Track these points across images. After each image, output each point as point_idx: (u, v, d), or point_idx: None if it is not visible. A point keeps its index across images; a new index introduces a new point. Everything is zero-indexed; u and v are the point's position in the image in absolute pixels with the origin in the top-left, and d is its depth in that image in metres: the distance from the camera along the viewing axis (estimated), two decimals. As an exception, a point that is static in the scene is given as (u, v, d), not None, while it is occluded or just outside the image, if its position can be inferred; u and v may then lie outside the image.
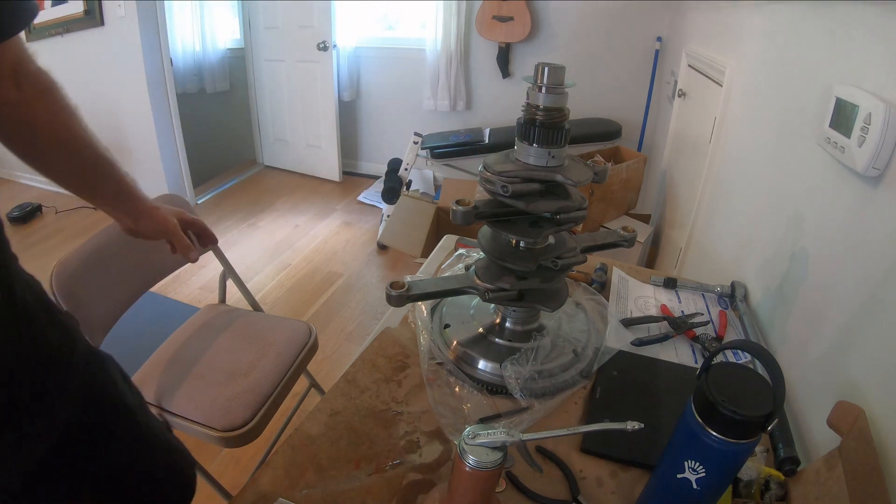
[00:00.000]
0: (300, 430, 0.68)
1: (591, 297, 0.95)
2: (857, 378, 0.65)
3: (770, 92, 1.14)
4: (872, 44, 0.72)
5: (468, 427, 0.50)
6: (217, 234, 0.95)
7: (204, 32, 3.47)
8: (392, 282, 0.73)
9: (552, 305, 0.76)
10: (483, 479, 0.49)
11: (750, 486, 0.60)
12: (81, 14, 2.72)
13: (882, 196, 0.65)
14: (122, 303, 1.10)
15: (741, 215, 1.22)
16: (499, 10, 2.90)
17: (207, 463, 1.48)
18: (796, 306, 0.84)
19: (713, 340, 0.87)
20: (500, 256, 0.73)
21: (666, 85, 2.60)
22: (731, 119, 1.41)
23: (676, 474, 0.50)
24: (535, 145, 0.67)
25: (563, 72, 0.65)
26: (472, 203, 0.70)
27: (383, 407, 0.73)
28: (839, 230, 0.74)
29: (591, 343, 0.83)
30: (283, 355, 1.19)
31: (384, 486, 0.62)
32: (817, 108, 0.82)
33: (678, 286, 1.03)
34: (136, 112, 2.88)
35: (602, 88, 2.96)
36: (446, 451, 0.66)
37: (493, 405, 0.73)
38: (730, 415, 0.44)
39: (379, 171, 3.50)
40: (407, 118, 3.48)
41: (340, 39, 3.30)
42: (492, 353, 0.77)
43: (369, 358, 0.81)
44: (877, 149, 0.63)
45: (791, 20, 1.07)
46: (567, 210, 0.69)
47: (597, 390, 0.76)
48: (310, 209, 3.27)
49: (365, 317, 2.25)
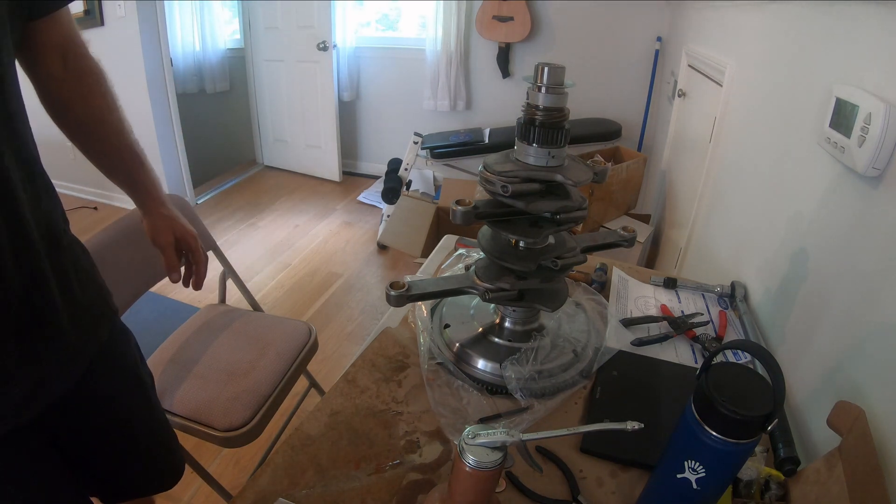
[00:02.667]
0: (300, 430, 0.68)
1: (591, 297, 0.95)
2: (857, 378, 0.65)
3: (770, 92, 1.14)
4: (872, 44, 0.72)
5: (468, 427, 0.50)
6: (217, 235, 0.96)
7: (204, 32, 3.47)
8: (392, 282, 0.73)
9: (552, 305, 0.76)
10: (483, 479, 0.49)
11: (750, 486, 0.60)
12: (81, 14, 2.72)
13: (882, 196, 0.65)
14: (123, 303, 1.10)
15: (741, 215, 1.22)
16: (499, 10, 2.90)
17: (207, 463, 1.48)
18: (796, 306, 0.84)
19: (713, 340, 0.87)
20: (500, 256, 0.73)
21: (666, 85, 2.60)
22: (731, 119, 1.41)
23: (676, 474, 0.50)
24: (535, 145, 0.67)
25: (563, 72, 0.65)
26: (472, 203, 0.70)
27: (383, 407, 0.72)
28: (839, 230, 0.74)
29: (591, 343, 0.83)
30: (283, 355, 1.19)
31: (384, 486, 0.62)
32: (817, 108, 0.82)
33: (678, 286, 1.03)
34: (136, 112, 2.87)
35: (602, 88, 2.96)
36: (446, 451, 0.66)
37: (493, 405, 0.73)
38: (730, 415, 0.44)
39: (379, 171, 3.50)
40: (407, 118, 3.48)
41: (340, 39, 3.30)
42: (492, 353, 0.77)
43: (369, 358, 0.81)
44: (877, 149, 0.63)
45: (791, 20, 1.07)
46: (567, 210, 0.69)
47: (597, 390, 0.76)
48: (310, 209, 3.27)
49: (365, 317, 2.25)
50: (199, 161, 3.38)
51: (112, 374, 0.75)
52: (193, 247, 0.87)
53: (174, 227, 0.83)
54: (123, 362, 0.78)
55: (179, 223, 0.84)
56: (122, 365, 0.78)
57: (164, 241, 0.83)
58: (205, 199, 3.37)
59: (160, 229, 0.82)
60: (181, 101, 3.02)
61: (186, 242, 0.86)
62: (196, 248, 0.87)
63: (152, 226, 0.82)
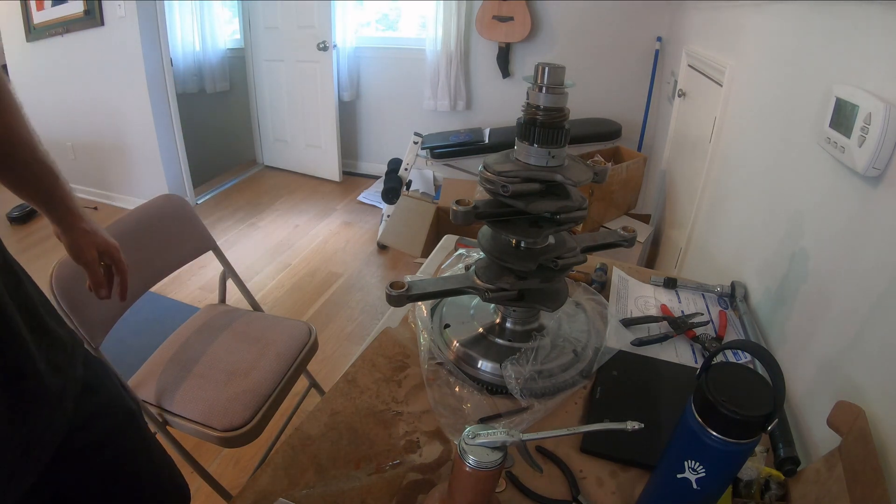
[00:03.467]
0: (300, 430, 0.68)
1: (591, 297, 0.95)
2: (857, 378, 0.65)
3: (770, 92, 1.14)
4: (872, 44, 0.72)
5: (468, 427, 0.50)
6: (217, 235, 0.94)
7: (204, 32, 3.47)
8: (392, 282, 0.73)
9: (552, 305, 0.76)
10: (483, 479, 0.49)
11: (750, 486, 0.60)
12: (81, 14, 2.72)
13: (882, 196, 0.65)
14: (123, 303, 1.10)
15: (741, 215, 1.22)
16: (499, 10, 2.90)
17: (207, 463, 1.48)
18: (796, 306, 0.84)
19: (713, 340, 0.87)
20: (500, 256, 0.73)
21: (666, 85, 2.60)
22: (731, 119, 1.41)
23: (676, 474, 0.50)
24: (535, 145, 0.67)
25: (563, 72, 0.65)
26: (472, 203, 0.70)
27: (383, 407, 0.72)
28: (839, 230, 0.74)
29: (591, 343, 0.83)
30: (283, 355, 1.19)
31: (384, 486, 0.62)
32: (817, 108, 0.82)
33: (678, 286, 1.03)
34: (136, 112, 2.88)
35: (602, 88, 2.96)
36: (446, 451, 0.66)
37: (493, 405, 0.73)
38: (730, 415, 0.44)
39: (379, 171, 3.50)
40: (407, 118, 3.48)
41: (340, 39, 3.30)
42: (492, 353, 0.77)
43: (369, 358, 0.81)
44: (877, 149, 0.63)
45: (791, 20, 1.07)
46: (567, 210, 0.69)
47: (597, 390, 0.76)
48: (310, 209, 3.27)
49: (365, 317, 2.25)
50: (199, 161, 3.38)
51: (99, 412, 0.70)
52: (117, 258, 0.82)
53: (96, 242, 0.78)
54: (108, 396, 0.73)
55: (101, 236, 0.79)
56: (107, 400, 0.73)
57: (88, 258, 0.77)
58: (205, 199, 3.37)
59: (83, 246, 0.76)
60: (181, 101, 3.02)
61: (110, 255, 0.81)
62: (120, 259, 0.82)
63: (74, 243, 0.76)
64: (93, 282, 0.79)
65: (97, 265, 0.79)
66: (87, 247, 0.77)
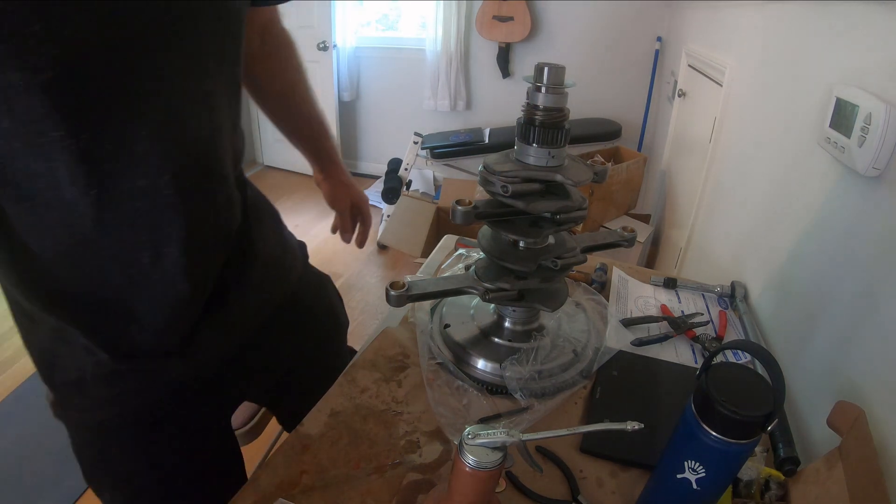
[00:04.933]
0: (300, 430, 0.68)
1: (591, 297, 0.95)
2: (857, 378, 0.65)
3: (770, 92, 1.14)
4: (872, 44, 0.72)
5: (468, 427, 0.50)
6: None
7: (204, 32, 3.46)
8: (392, 282, 0.73)
9: (552, 305, 0.76)
10: (483, 479, 0.49)
11: (750, 486, 0.60)
12: (81, 14, 2.72)
13: (882, 196, 0.65)
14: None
15: (741, 215, 1.22)
16: (499, 9, 2.90)
17: (207, 463, 1.48)
18: (796, 306, 0.84)
19: (713, 340, 0.87)
20: (500, 256, 0.73)
21: (666, 85, 2.60)
22: (731, 119, 1.41)
23: (676, 474, 0.50)
24: (535, 145, 0.67)
25: (563, 72, 0.65)
26: (472, 203, 0.70)
27: (383, 407, 0.72)
28: (839, 230, 0.74)
29: (591, 343, 0.83)
30: (283, 355, 1.19)
31: (384, 486, 0.62)
32: (817, 108, 0.82)
33: (678, 286, 1.03)
34: (136, 112, 2.88)
35: (602, 88, 2.96)
36: (446, 451, 0.66)
37: (493, 405, 0.73)
38: (730, 415, 0.44)
39: (379, 171, 3.50)
40: (407, 118, 3.48)
41: (340, 39, 3.30)
42: (492, 353, 0.77)
43: (369, 358, 0.81)
44: (877, 149, 0.63)
45: (791, 20, 1.07)
46: (567, 210, 0.69)
47: (597, 390, 0.76)
48: (310, 209, 3.27)
49: (365, 317, 2.25)
50: (199, 161, 3.37)
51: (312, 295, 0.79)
52: (366, 212, 0.94)
53: (351, 194, 0.90)
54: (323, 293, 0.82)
55: (355, 189, 0.91)
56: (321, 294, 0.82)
57: (342, 207, 0.90)
58: (205, 199, 3.37)
59: (339, 196, 0.89)
60: (181, 101, 3.02)
61: (360, 207, 0.93)
62: (368, 213, 0.95)
63: (332, 191, 0.88)
64: (341, 227, 0.92)
65: (349, 213, 0.91)
66: (342, 196, 0.90)
